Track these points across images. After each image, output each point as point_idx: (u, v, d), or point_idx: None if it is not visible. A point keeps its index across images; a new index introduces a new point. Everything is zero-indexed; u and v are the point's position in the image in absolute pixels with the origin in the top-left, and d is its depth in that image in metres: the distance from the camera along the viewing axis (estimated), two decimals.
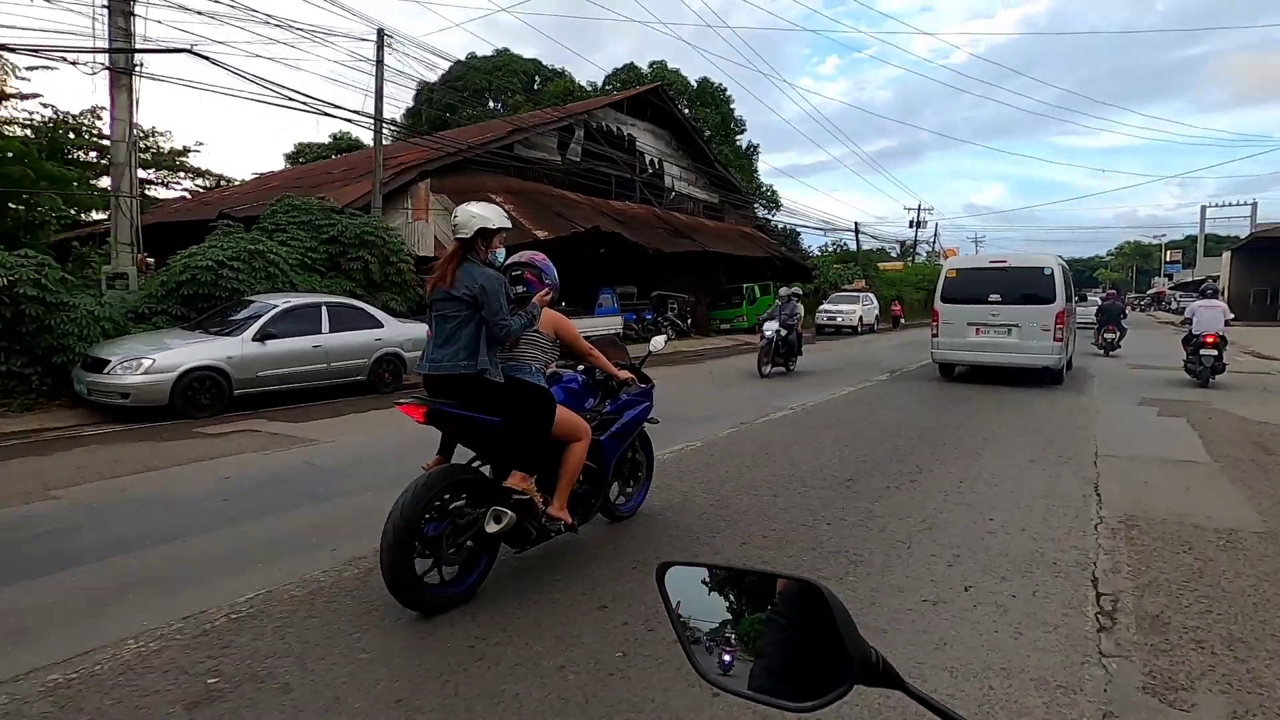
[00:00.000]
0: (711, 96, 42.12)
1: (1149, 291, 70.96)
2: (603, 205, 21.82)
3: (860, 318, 28.01)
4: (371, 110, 13.84)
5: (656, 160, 26.33)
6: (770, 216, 47.08)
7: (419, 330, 10.61)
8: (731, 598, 0.86)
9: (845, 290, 31.05)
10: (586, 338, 3.96)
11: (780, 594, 0.81)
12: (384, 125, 14.13)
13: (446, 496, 3.09)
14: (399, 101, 37.43)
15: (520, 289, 3.46)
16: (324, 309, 9.53)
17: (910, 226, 56.89)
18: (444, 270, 3.19)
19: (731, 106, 43.33)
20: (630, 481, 4.46)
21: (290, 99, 12.76)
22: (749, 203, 31.58)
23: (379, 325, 10.09)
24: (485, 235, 3.22)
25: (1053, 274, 10.48)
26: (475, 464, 3.46)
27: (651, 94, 25.58)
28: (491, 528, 3.07)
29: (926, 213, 58.06)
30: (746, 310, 25.34)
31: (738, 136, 44.78)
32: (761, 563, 3.72)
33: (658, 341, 4.68)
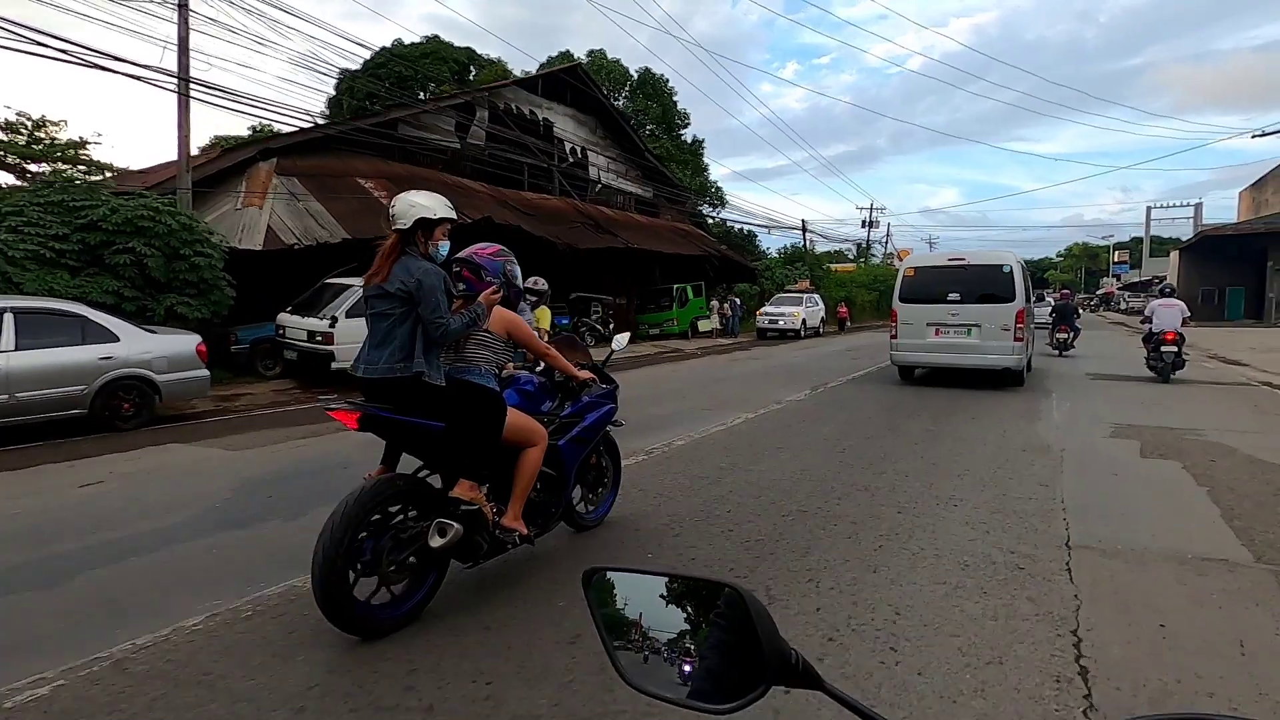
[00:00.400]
0: (653, 88, 39.91)
1: (1098, 292, 71.22)
2: (509, 196, 19.27)
3: (804, 320, 26.01)
4: (176, 68, 11.06)
5: (579, 149, 23.87)
6: (717, 214, 45.26)
7: (182, 344, 7.96)
8: (658, 602, 0.86)
9: (788, 291, 29.02)
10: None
11: (704, 597, 0.83)
12: (197, 87, 11.35)
13: (392, 509, 2.88)
14: (321, 91, 34.47)
15: (461, 287, 3.21)
16: (6, 316, 6.79)
17: (863, 226, 55.71)
18: (380, 265, 2.95)
19: (674, 99, 41.16)
20: (596, 488, 4.21)
21: (66, 52, 9.97)
22: (684, 197, 29.34)
23: (110, 339, 7.39)
24: (426, 226, 3.00)
25: (1012, 272, 10.14)
26: (422, 474, 3.20)
27: (569, 74, 23.07)
28: (435, 541, 2.82)
29: (879, 212, 56.95)
30: (677, 313, 23.06)
31: (682, 131, 42.67)
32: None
33: (620, 339, 4.53)
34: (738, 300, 26.06)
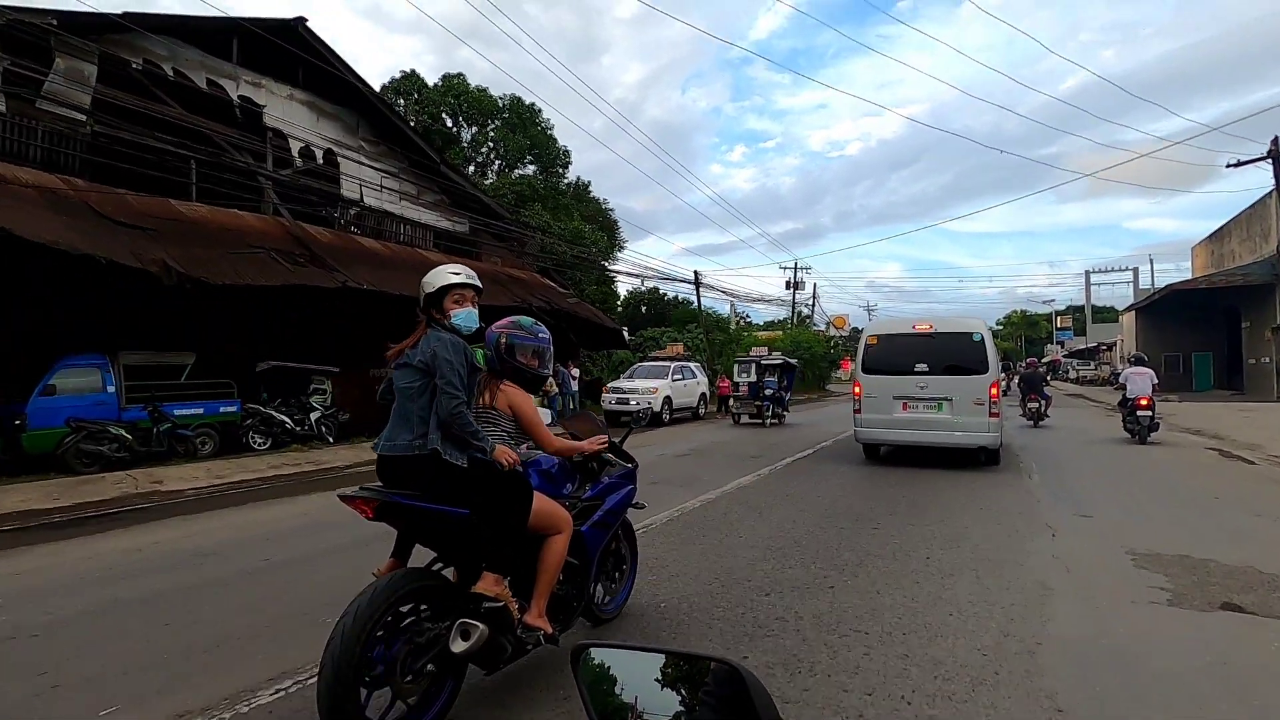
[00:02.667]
0: (519, 118, 33.35)
1: (1044, 359, 66.36)
2: (111, 201, 11.42)
3: (668, 399, 18.43)
4: None
5: (318, 152, 16.33)
6: (606, 264, 38.27)
7: None
8: (651, 680, 0.82)
9: (655, 360, 21.58)
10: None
11: (698, 674, 0.80)
12: None
13: (404, 609, 2.54)
14: None
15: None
16: None
17: (787, 288, 49.56)
18: (411, 339, 2.84)
19: (550, 133, 34.67)
20: (614, 576, 3.84)
21: None
22: (510, 234, 21.98)
23: None
24: (435, 299, 2.87)
25: (982, 340, 9.42)
26: (436, 567, 2.87)
27: (285, 35, 15.09)
28: (459, 646, 2.49)
29: (804, 272, 51.03)
30: None
31: (562, 170, 36.08)
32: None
33: (647, 403, 3.23)
34: (573, 371, 18.34)
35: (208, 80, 14.14)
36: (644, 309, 50.26)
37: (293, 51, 15.12)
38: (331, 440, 13.28)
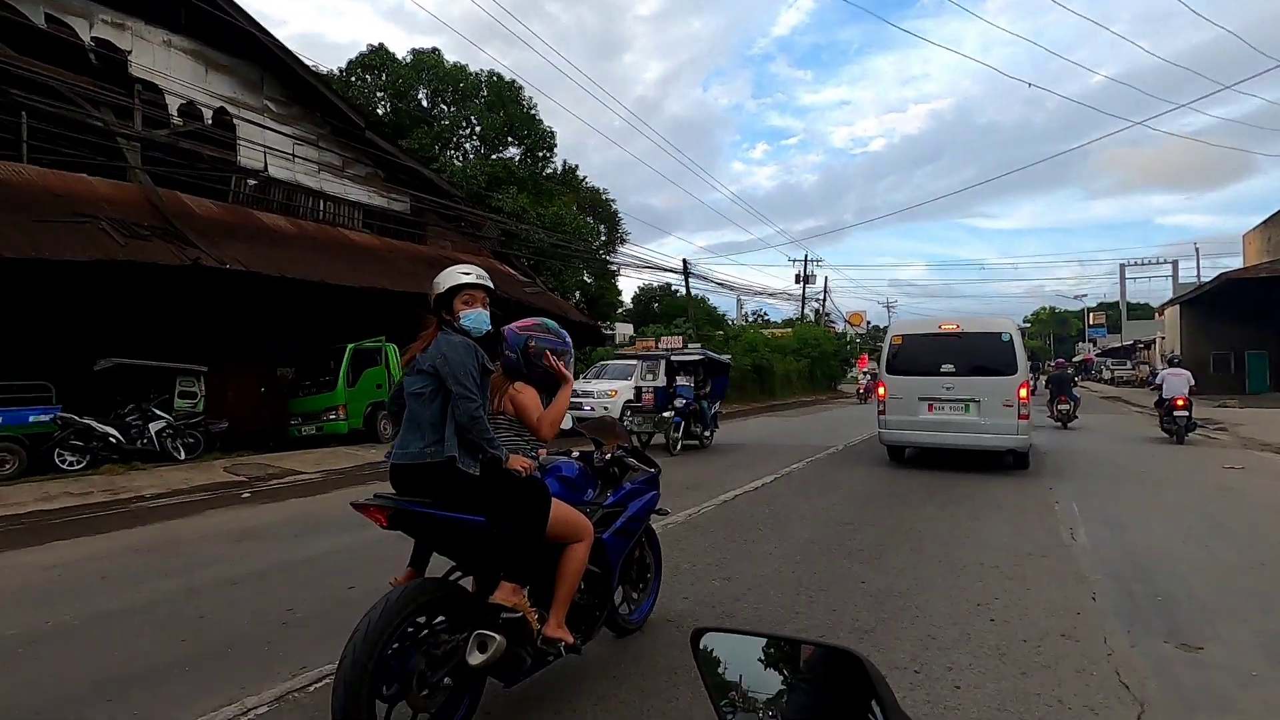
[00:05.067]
0: (498, 97, 30.76)
1: (1075, 359, 62.37)
2: None
3: (629, 404, 15.66)
4: None
5: (207, 112, 13.80)
6: (608, 255, 35.60)
7: None
8: (770, 666, 0.82)
9: (622, 357, 18.84)
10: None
11: (809, 662, 0.80)
12: None
13: (420, 620, 2.43)
14: None
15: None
16: None
17: (796, 282, 46.48)
18: (421, 342, 2.75)
19: (532, 112, 32.05)
20: (638, 585, 3.69)
21: None
22: (459, 212, 19.26)
23: None
24: (444, 300, 2.76)
25: (1011, 340, 9.06)
26: (453, 576, 2.78)
27: None
28: (476, 658, 2.37)
29: (815, 264, 47.79)
30: (342, 395, 12.48)
31: (549, 156, 33.43)
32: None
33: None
34: None
35: (46, 16, 11.63)
36: (656, 306, 47.50)
37: None
38: (182, 456, 10.70)
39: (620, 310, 44.59)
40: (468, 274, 2.79)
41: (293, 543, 5.84)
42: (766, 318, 62.50)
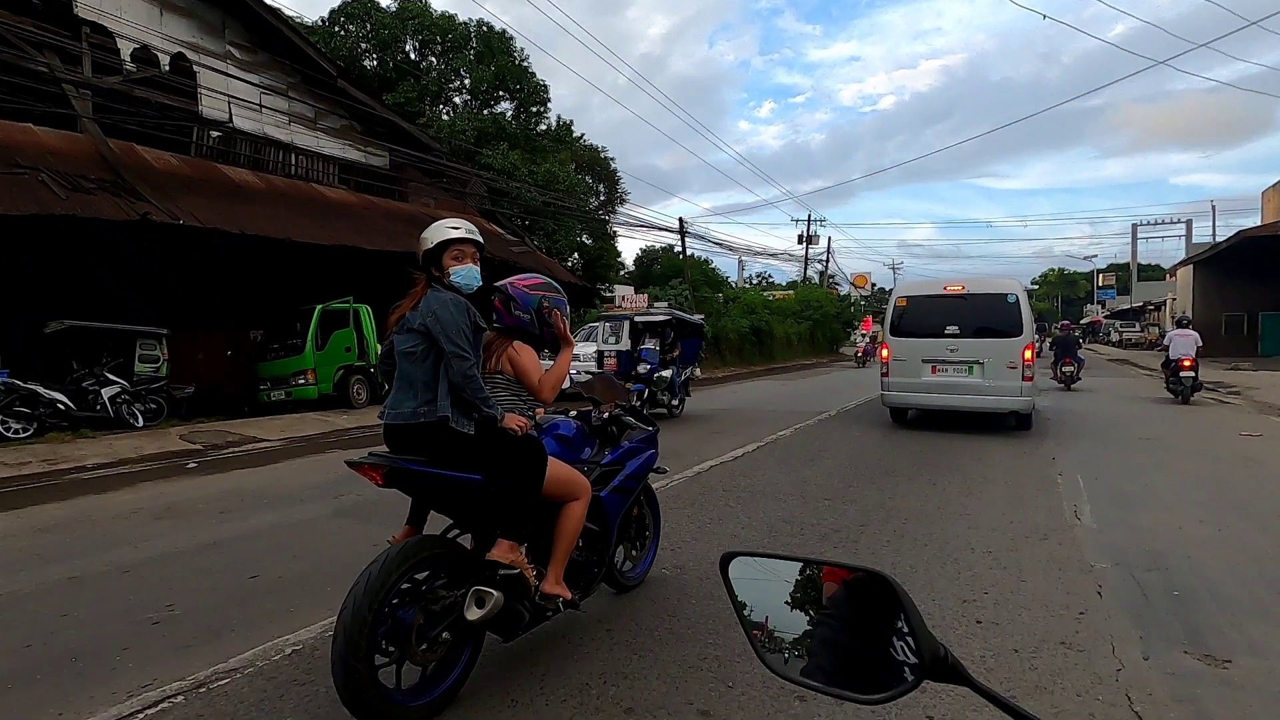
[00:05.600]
0: (487, 47, 29.52)
1: (1083, 321, 61.37)
2: None
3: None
4: None
5: (168, 60, 12.95)
6: (608, 215, 34.69)
7: None
8: (797, 587, 0.84)
9: (609, 316, 18.18)
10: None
11: (837, 584, 0.82)
12: None
13: (418, 577, 2.46)
14: None
15: (494, 320, 2.94)
16: None
17: (799, 243, 45.38)
18: (410, 300, 2.68)
19: (524, 64, 30.80)
20: (637, 542, 3.72)
21: None
22: (441, 168, 18.37)
23: None
24: (433, 255, 2.68)
25: (1017, 301, 8.96)
26: (452, 534, 2.77)
27: None
28: (473, 614, 2.40)
29: (818, 224, 46.61)
30: (310, 359, 11.90)
31: (542, 111, 32.25)
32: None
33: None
34: None
35: None
36: (658, 267, 46.41)
37: None
38: (140, 423, 10.19)
39: (623, 272, 43.74)
40: (457, 229, 2.72)
41: (214, 521, 5.31)
42: (771, 280, 61.40)
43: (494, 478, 2.56)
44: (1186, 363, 12.28)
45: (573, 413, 3.42)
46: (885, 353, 9.66)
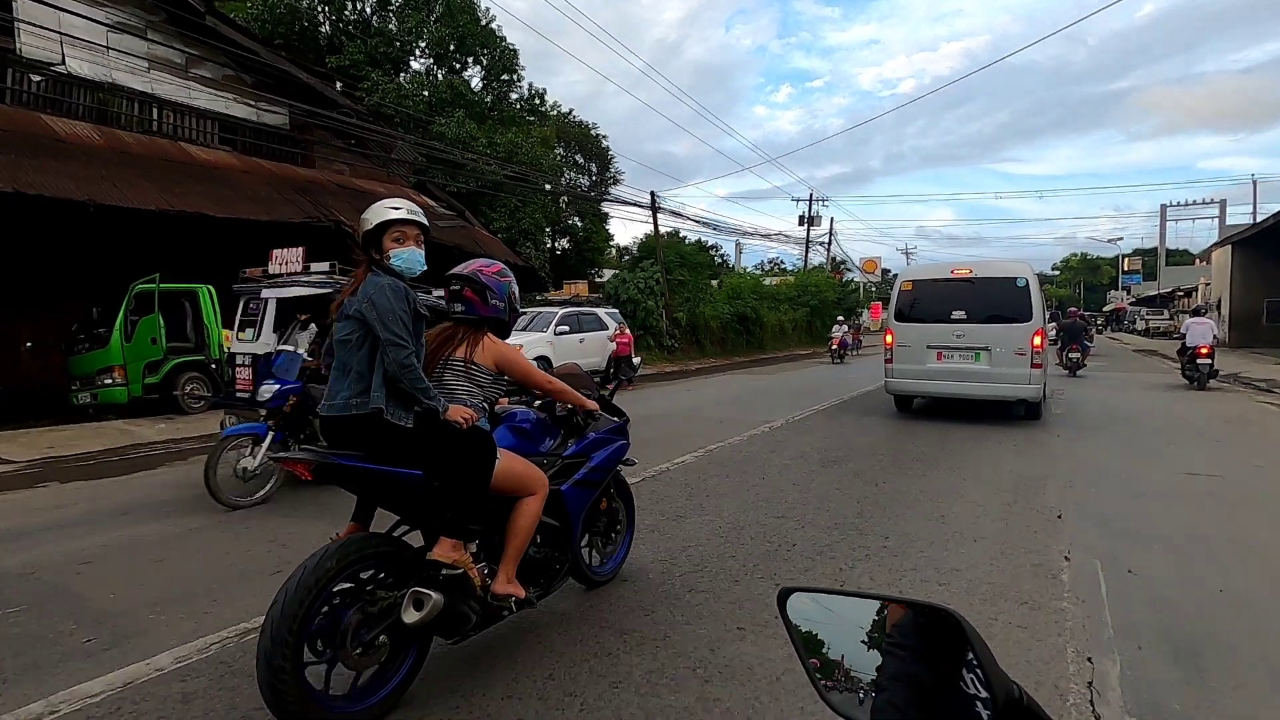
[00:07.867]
0: (448, 6, 26.95)
1: (1105, 308, 57.92)
2: None
3: (544, 360, 12.72)
4: None
5: None
6: (596, 195, 32.17)
7: None
8: (860, 626, 0.80)
9: (537, 306, 15.73)
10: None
11: (902, 622, 0.78)
12: None
13: (362, 575, 2.34)
14: None
15: (459, 309, 2.80)
16: None
17: (800, 224, 42.53)
18: (351, 285, 2.57)
19: (492, 27, 28.24)
20: (608, 536, 3.59)
21: None
22: (354, 129, 15.79)
23: None
24: (373, 236, 2.56)
25: (1027, 286, 8.74)
26: (399, 530, 2.66)
27: None
28: (411, 616, 2.28)
29: (820, 204, 43.66)
30: (118, 353, 9.49)
31: (513, 79, 29.67)
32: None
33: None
34: None
35: None
36: (634, 249, 43.59)
37: None
38: None
39: (625, 257, 41.21)
40: (397, 209, 2.58)
41: None
42: (782, 265, 58.44)
43: (435, 473, 2.43)
44: (1204, 350, 12.73)
45: (537, 403, 3.23)
46: (890, 339, 9.52)
